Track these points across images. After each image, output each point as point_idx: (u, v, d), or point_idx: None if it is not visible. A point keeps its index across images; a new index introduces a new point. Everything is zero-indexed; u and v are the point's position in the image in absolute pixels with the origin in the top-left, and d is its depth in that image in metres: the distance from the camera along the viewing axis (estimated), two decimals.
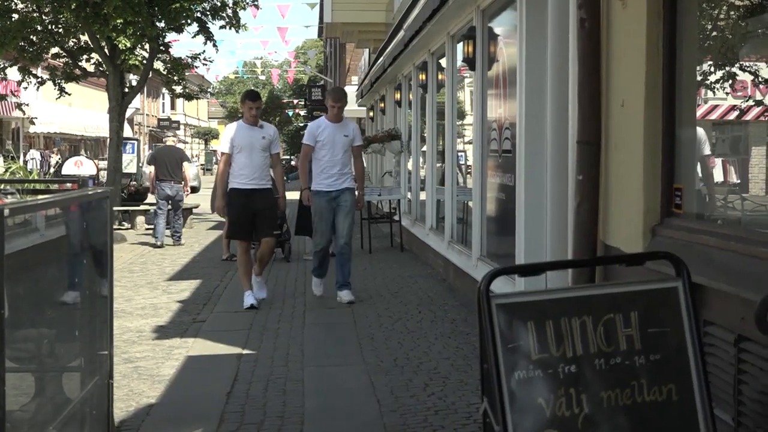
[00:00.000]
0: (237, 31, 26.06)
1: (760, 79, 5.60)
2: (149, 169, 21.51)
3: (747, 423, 4.43)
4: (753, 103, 5.77)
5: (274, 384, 7.88)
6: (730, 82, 5.78)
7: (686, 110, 5.69)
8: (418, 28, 15.58)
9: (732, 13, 5.79)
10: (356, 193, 12.39)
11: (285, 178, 13.88)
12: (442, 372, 8.29)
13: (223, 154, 12.21)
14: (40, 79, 25.90)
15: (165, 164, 20.22)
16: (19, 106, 27.06)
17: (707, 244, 4.99)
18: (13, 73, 26.29)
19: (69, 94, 27.08)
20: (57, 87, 26.15)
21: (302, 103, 72.10)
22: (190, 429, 6.72)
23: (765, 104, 5.69)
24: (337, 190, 12.00)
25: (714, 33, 5.98)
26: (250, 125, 11.91)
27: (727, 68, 5.85)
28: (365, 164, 17.02)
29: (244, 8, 25.42)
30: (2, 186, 11.85)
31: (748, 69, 5.68)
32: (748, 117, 5.78)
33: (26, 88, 26.06)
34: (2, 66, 25.82)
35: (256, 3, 26.71)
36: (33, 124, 30.96)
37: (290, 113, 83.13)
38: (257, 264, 12.12)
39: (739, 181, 6.04)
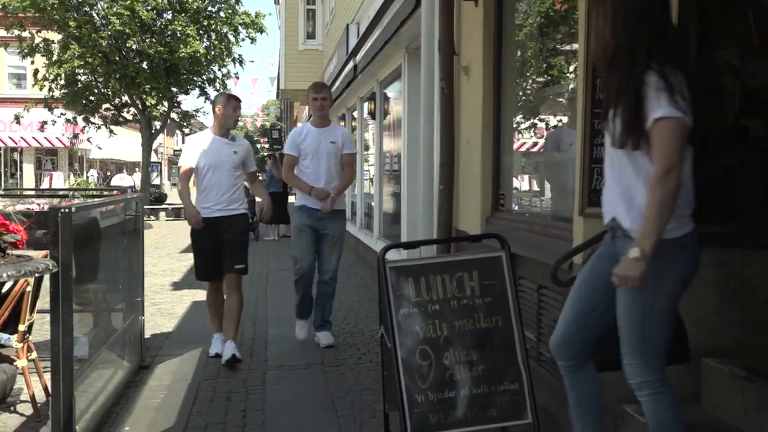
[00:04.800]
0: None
1: (550, 126, 5.67)
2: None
3: (544, 340, 4.49)
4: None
5: (250, 318, 7.79)
6: (533, 127, 5.85)
7: (506, 145, 5.73)
8: (339, 93, 15.56)
9: (534, 85, 5.85)
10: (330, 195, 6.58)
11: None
12: (355, 309, 8.28)
13: (184, 168, 6.31)
14: (96, 125, 25.66)
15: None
16: (88, 139, 26.95)
17: (520, 228, 5.05)
18: (78, 120, 25.95)
19: (115, 134, 26.88)
20: (109, 130, 25.95)
21: (266, 140, 71.55)
22: (195, 347, 6.62)
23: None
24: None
25: (523, 96, 6.04)
26: (220, 136, 6.35)
27: (531, 119, 5.92)
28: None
29: (229, 78, 25.51)
30: (72, 193, 11.59)
31: (544, 120, 5.75)
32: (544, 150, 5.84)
33: (88, 131, 25.88)
34: (74, 116, 25.51)
35: (237, 75, 26.95)
36: (100, 149, 30.43)
37: (258, 146, 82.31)
38: (228, 322, 6.31)
39: (538, 189, 6.11)
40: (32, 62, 24.59)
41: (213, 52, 24.21)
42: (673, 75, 2.57)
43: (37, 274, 4.11)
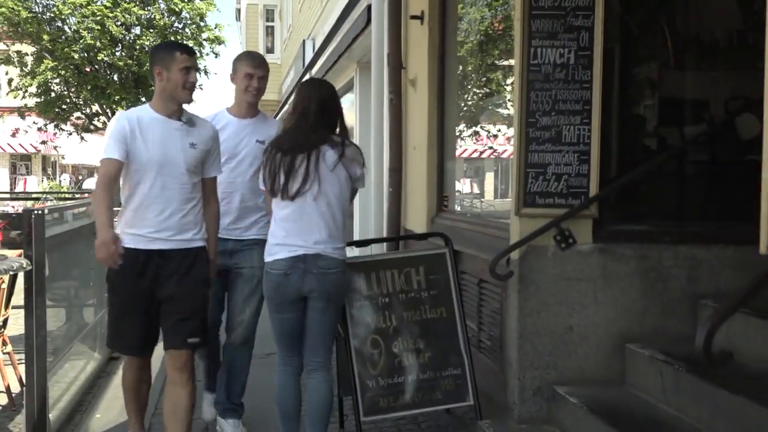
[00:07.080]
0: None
1: (489, 134, 5.72)
2: None
3: (484, 328, 4.52)
4: (486, 148, 5.89)
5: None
6: (474, 135, 5.89)
7: (449, 151, 5.77)
8: None
9: (475, 96, 5.90)
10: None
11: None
12: None
13: (107, 161, 3.28)
14: (69, 132, 25.27)
15: None
16: (55, 147, 26.54)
17: (462, 227, 5.08)
18: (49, 127, 25.50)
19: (87, 141, 26.45)
20: (80, 137, 25.53)
21: None
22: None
23: (493, 148, 5.81)
24: (237, 240, 3.87)
25: (465, 107, 6.09)
26: (166, 116, 3.24)
27: (473, 127, 5.96)
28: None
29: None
30: (45, 196, 11.36)
31: (484, 128, 5.80)
32: (484, 156, 5.89)
33: (59, 137, 25.49)
34: (45, 123, 25.07)
35: (201, 86, 26.67)
36: (63, 158, 30.14)
37: None
38: (174, 428, 3.32)
39: (478, 192, 6.16)
40: (6, 73, 24.18)
41: None
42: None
43: (11, 272, 4.08)
